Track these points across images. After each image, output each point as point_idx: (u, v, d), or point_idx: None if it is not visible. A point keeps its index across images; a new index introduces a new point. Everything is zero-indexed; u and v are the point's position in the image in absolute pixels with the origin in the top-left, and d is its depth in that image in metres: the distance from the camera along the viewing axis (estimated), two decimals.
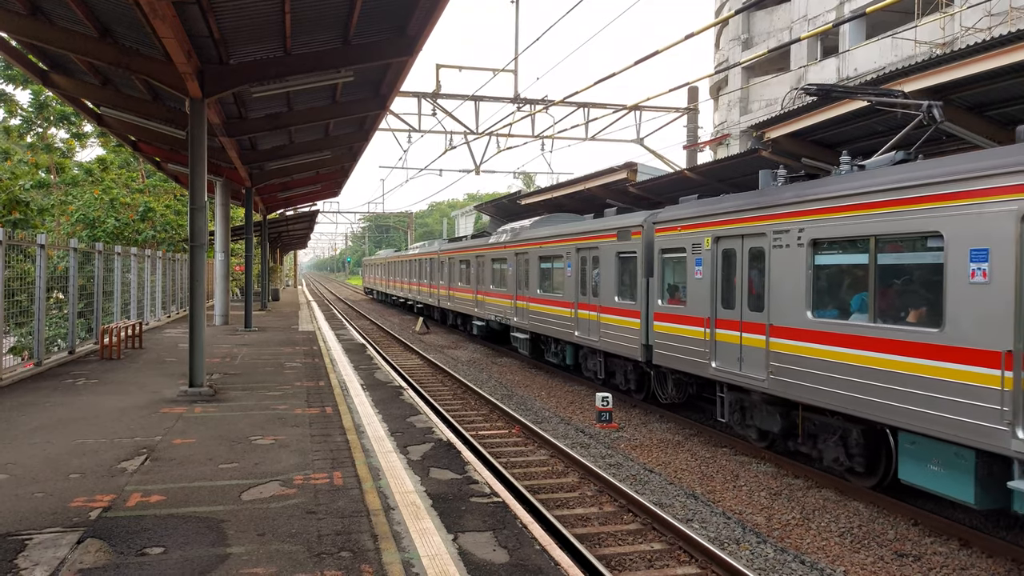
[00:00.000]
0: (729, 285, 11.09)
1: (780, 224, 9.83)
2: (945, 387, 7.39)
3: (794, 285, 9.57)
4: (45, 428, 8.72)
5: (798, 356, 9.47)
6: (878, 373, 8.19)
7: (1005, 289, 6.75)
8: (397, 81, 13.81)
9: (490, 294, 23.50)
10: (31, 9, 10.41)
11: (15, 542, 5.23)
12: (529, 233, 20.10)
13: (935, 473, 7.69)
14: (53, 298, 15.37)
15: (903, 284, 8.34)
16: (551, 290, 18.24)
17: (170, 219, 30.03)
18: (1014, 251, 6.68)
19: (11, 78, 25.47)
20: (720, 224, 11.20)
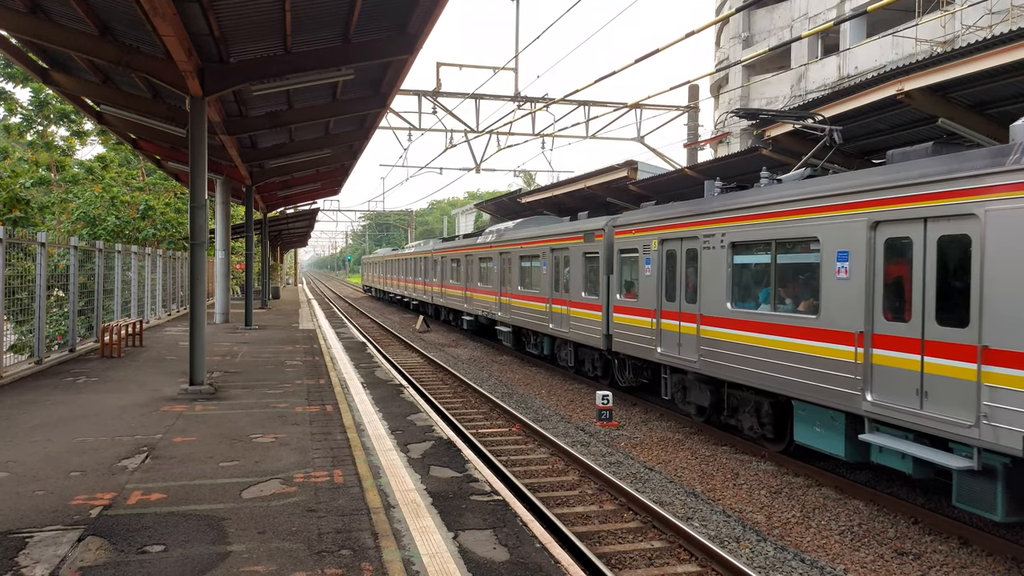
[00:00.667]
0: (671, 281, 12.81)
1: (708, 229, 11.64)
2: (822, 363, 9.17)
3: (719, 281, 11.38)
4: (46, 426, 8.73)
5: (721, 341, 11.24)
6: (779, 353, 9.98)
7: (859, 283, 8.62)
8: (397, 79, 13.80)
9: (477, 291, 24.97)
10: (31, 7, 10.41)
11: (16, 540, 5.24)
12: (511, 234, 21.68)
13: (818, 434, 9.50)
14: (54, 296, 15.38)
15: (794, 280, 10.15)
16: (530, 287, 19.86)
17: (170, 217, 30.03)
18: (865, 252, 8.51)
19: (11, 76, 25.49)
20: (665, 228, 12.98)
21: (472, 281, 25.86)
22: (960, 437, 7.31)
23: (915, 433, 8.00)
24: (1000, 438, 6.87)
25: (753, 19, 34.03)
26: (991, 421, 6.97)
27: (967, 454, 7.39)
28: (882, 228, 8.40)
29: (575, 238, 16.75)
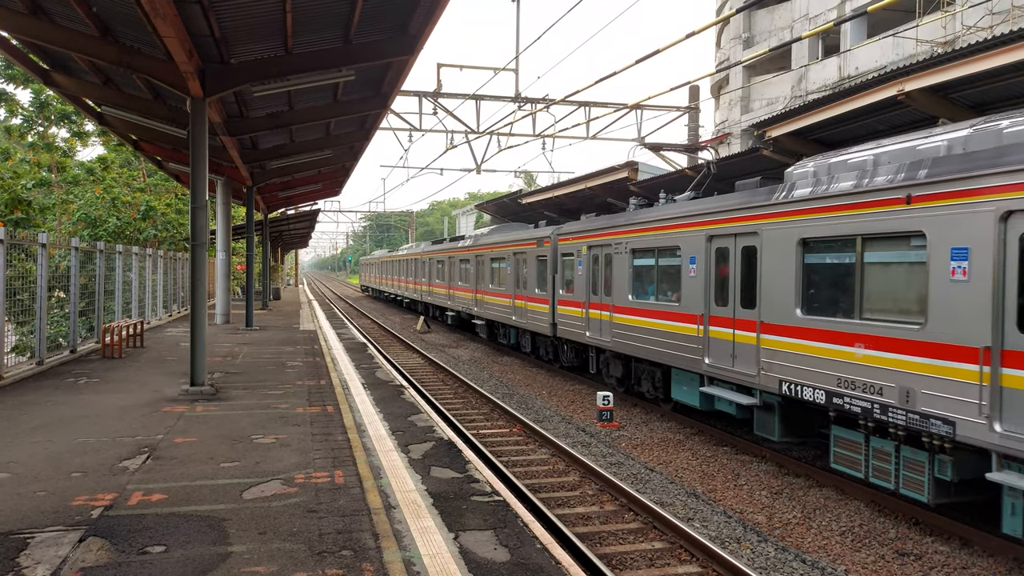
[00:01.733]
0: (595, 279, 15.93)
1: (617, 239, 14.89)
2: (683, 338, 12.35)
3: (624, 278, 14.61)
4: (47, 427, 8.73)
5: (626, 325, 14.44)
6: (661, 333, 13.09)
7: (701, 279, 11.87)
8: (398, 80, 13.81)
9: (459, 289, 27.74)
10: (32, 8, 10.41)
11: (17, 541, 5.24)
12: (485, 239, 24.47)
13: (685, 391, 12.59)
14: (55, 297, 15.39)
15: (668, 277, 13.19)
16: (499, 285, 22.69)
17: (171, 218, 30.03)
18: (703, 258, 11.81)
19: (12, 77, 25.48)
20: (591, 237, 16.16)
21: (454, 280, 28.38)
22: (751, 383, 10.51)
23: (732, 384, 11.09)
24: (768, 383, 10.09)
25: (754, 20, 34.03)
26: (764, 371, 10.15)
27: (755, 395, 10.55)
28: (714, 240, 11.63)
29: (531, 243, 19.83)
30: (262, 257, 33.49)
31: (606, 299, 15.24)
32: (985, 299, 7.13)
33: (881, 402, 8.26)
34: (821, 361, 9.17)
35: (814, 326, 9.31)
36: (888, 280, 8.51)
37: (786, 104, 29.04)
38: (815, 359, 9.27)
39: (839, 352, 8.91)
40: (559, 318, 17.81)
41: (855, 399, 8.63)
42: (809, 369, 9.35)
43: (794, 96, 29.75)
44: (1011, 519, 7.04)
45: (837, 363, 8.93)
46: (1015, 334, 6.85)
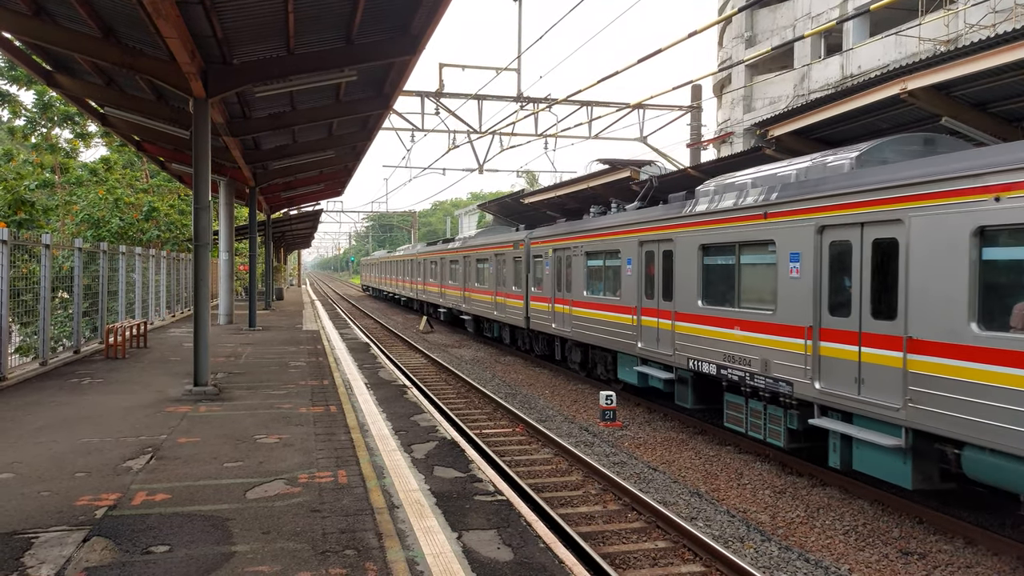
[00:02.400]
0: (559, 278, 17.98)
1: (576, 243, 16.96)
2: (624, 327, 14.41)
3: (580, 276, 16.66)
4: (51, 427, 8.75)
5: (583, 317, 16.45)
6: (608, 322, 15.13)
7: (635, 277, 13.96)
8: (400, 80, 13.82)
9: (449, 287, 29.75)
10: (35, 9, 10.44)
11: (21, 540, 5.25)
12: (472, 242, 27.01)
13: (627, 372, 14.49)
14: (58, 298, 15.41)
15: (612, 275, 15.20)
16: (483, 283, 24.73)
17: (174, 219, 30.06)
18: (637, 259, 13.89)
19: (15, 78, 25.52)
20: (555, 241, 18.28)
21: (445, 279, 30.55)
22: (670, 362, 12.70)
23: (660, 364, 13.23)
24: (681, 361, 12.25)
25: (756, 19, 33.98)
26: (679, 352, 12.37)
27: (673, 372, 12.74)
28: (643, 245, 13.78)
29: (508, 246, 21.91)
30: (265, 257, 33.53)
31: (567, 295, 17.41)
32: (809, 291, 9.36)
33: (751, 371, 10.46)
34: (714, 341, 11.44)
35: (710, 314, 11.61)
36: (755, 277, 10.72)
37: (788, 103, 29.01)
38: (710, 340, 11.55)
39: (725, 334, 11.12)
40: (532, 312, 20.05)
41: (735, 370, 10.83)
42: (707, 348, 11.63)
43: (796, 95, 29.71)
44: (833, 455, 9.12)
45: (724, 342, 11.14)
46: (828, 317, 9.15)
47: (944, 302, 7.51)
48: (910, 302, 7.90)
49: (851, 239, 8.81)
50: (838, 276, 9.04)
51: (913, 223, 7.89)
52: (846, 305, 8.90)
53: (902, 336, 7.96)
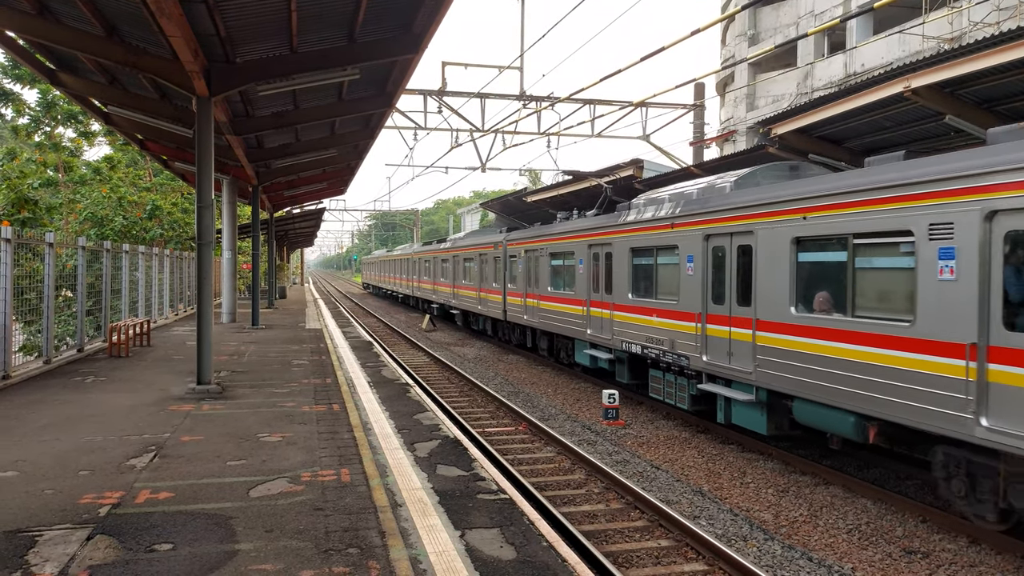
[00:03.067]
0: (531, 275, 20.13)
1: (542, 245, 19.25)
2: (577, 317, 16.71)
3: (546, 274, 18.88)
4: (54, 425, 8.77)
5: (547, 309, 18.80)
6: (567, 314, 17.42)
7: (585, 274, 16.17)
8: (403, 79, 13.82)
9: (441, 284, 32.24)
10: (39, 8, 10.45)
11: (25, 538, 5.27)
12: (460, 242, 29.26)
13: (581, 355, 16.72)
14: (62, 296, 15.44)
15: (569, 273, 17.43)
16: (469, 280, 26.99)
17: (177, 217, 30.09)
18: (587, 260, 16.10)
19: (19, 77, 25.56)
20: (527, 243, 20.54)
21: (437, 277, 33.04)
22: (609, 345, 15.07)
23: (605, 348, 15.51)
24: (617, 344, 14.59)
25: (759, 17, 33.92)
26: (616, 336, 14.61)
27: (612, 353, 15.12)
28: (591, 248, 16.03)
29: (490, 247, 24.06)
30: (268, 256, 33.55)
31: (536, 291, 19.67)
32: (700, 285, 11.81)
33: (664, 350, 12.86)
34: (640, 327, 13.80)
35: (637, 304, 13.93)
36: (666, 275, 13.09)
37: (792, 101, 28.96)
38: (637, 326, 13.91)
39: (647, 320, 13.52)
40: (508, 306, 22.30)
41: (654, 349, 13.23)
42: (635, 332, 13.95)
43: (800, 93, 29.66)
44: (720, 413, 11.39)
45: (646, 328, 13.52)
46: (712, 305, 11.55)
47: (776, 292, 10.02)
48: (757, 292, 10.41)
49: (725, 245, 11.30)
50: (718, 273, 11.47)
51: (759, 234, 10.41)
52: (722, 296, 11.32)
53: (752, 318, 10.51)
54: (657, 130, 28.63)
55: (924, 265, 7.83)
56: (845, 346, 8.85)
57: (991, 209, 7.10)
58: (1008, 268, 7.03)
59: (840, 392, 8.87)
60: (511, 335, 23.32)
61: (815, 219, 9.35)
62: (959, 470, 7.84)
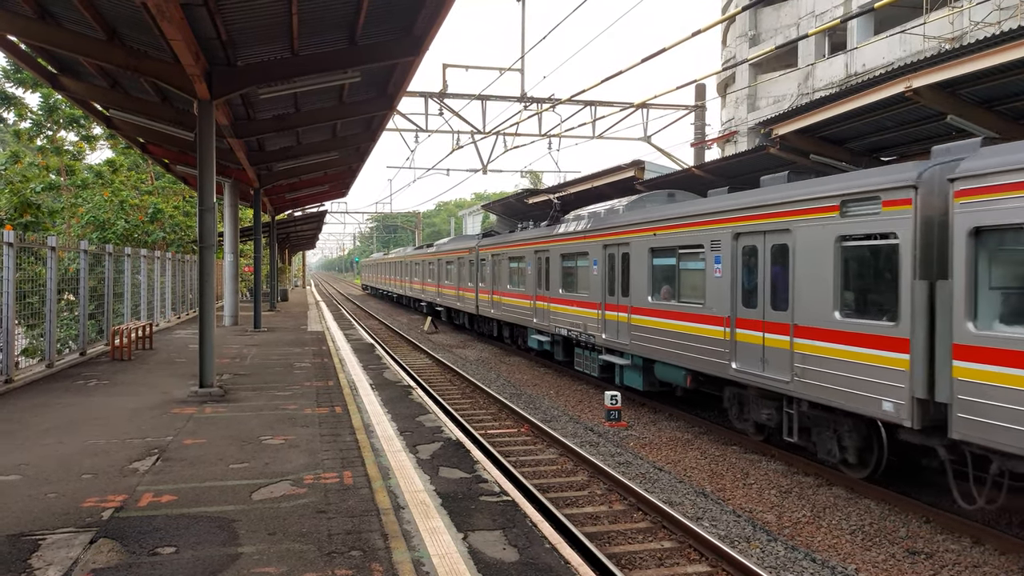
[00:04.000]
0: (495, 275, 23.79)
1: (504, 250, 22.81)
2: (526, 309, 20.23)
3: (505, 275, 22.59)
4: (57, 429, 8.78)
5: (506, 304, 22.42)
6: (519, 307, 21.02)
7: (533, 274, 19.68)
8: (404, 81, 13.83)
9: (428, 284, 36.28)
10: (40, 12, 10.47)
11: (28, 542, 5.27)
12: (444, 247, 33.23)
13: (534, 340, 19.92)
14: (64, 300, 15.46)
15: (522, 274, 20.78)
16: (451, 280, 30.96)
17: (179, 220, 30.14)
18: (534, 262, 19.61)
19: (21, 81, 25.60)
20: (493, 248, 24.12)
21: (425, 278, 36.98)
22: (548, 331, 18.62)
23: (546, 334, 19.23)
24: (553, 329, 18.23)
25: (759, 17, 33.93)
26: (551, 323, 18.25)
27: (550, 337, 18.94)
28: (537, 252, 19.53)
29: (466, 251, 27.77)
30: (269, 259, 33.58)
31: (500, 288, 23.20)
32: (602, 281, 15.44)
33: (581, 331, 16.53)
34: (567, 315, 17.54)
35: (565, 298, 17.62)
36: (583, 273, 16.69)
37: (793, 102, 28.95)
38: (565, 314, 17.65)
39: (571, 310, 17.19)
40: (480, 302, 26.01)
41: (574, 331, 16.95)
42: (564, 319, 17.69)
43: (801, 94, 29.65)
44: (617, 378, 15.11)
45: (571, 315, 17.25)
46: (608, 297, 15.22)
47: (641, 285, 13.90)
48: (632, 286, 14.23)
49: (615, 252, 15.05)
50: (612, 273, 15.09)
51: (632, 244, 14.24)
52: (615, 290, 14.97)
53: (628, 305, 14.36)
54: (658, 131, 28.64)
55: (708, 267, 11.67)
56: (676, 322, 12.70)
57: (736, 232, 10.98)
58: (744, 269, 10.92)
59: (675, 355, 12.62)
60: (483, 326, 27.14)
61: (661, 235, 13.25)
62: (732, 400, 11.74)
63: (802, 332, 9.59)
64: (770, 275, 10.32)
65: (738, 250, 11.02)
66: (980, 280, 7.26)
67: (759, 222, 10.54)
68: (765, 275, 10.41)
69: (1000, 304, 7.20)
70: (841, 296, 9.11)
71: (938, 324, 7.74)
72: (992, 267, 7.23)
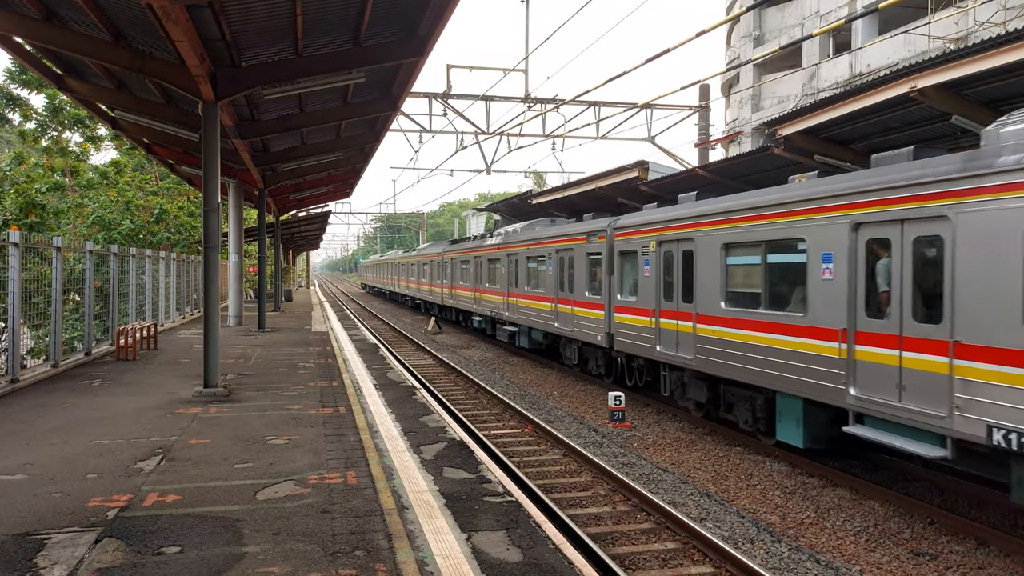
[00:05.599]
0: (455, 274, 29.94)
1: (459, 255, 29.32)
2: (498, 304, 23.83)
3: (460, 274, 29.38)
4: (62, 429, 8.81)
5: (459, 295, 29.35)
6: (468, 298, 27.93)
7: (505, 273, 23.09)
8: (408, 82, 13.84)
9: (411, 282, 43.43)
10: (46, 14, 10.51)
11: (34, 542, 5.29)
12: (425, 251, 39.05)
13: (476, 320, 27.42)
14: (70, 300, 15.51)
15: (495, 273, 24.39)
16: (424, 279, 37.42)
17: (184, 221, 30.21)
18: (505, 264, 23.09)
19: (26, 82, 25.71)
20: (454, 254, 30.03)
21: (408, 276, 43.95)
22: (516, 322, 22.20)
23: (513, 324, 22.71)
24: (519, 322, 22.03)
25: (764, 18, 33.88)
26: (518, 315, 22.00)
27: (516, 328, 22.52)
28: (508, 256, 22.42)
29: (436, 256, 33.47)
30: (274, 259, 33.63)
31: (456, 284, 28.66)
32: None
33: (500, 312, 22.20)
34: (492, 301, 22.36)
35: (490, 289, 21.86)
36: (499, 272, 22.27)
37: (797, 102, 28.90)
38: (491, 301, 22.54)
39: (494, 298, 21.96)
40: (444, 295, 32.17)
41: (495, 311, 22.27)
42: (490, 305, 22.31)
43: (805, 94, 29.60)
44: (517, 341, 22.40)
45: (494, 302, 22.76)
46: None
47: (522, 279, 21.20)
48: (518, 280, 21.49)
49: (515, 257, 21.03)
50: (511, 271, 21.30)
51: (519, 253, 20.10)
52: (518, 283, 21.38)
53: (515, 292, 21.51)
54: (662, 132, 28.63)
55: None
56: (533, 302, 20.11)
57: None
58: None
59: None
60: (447, 314, 33.74)
61: (532, 248, 20.44)
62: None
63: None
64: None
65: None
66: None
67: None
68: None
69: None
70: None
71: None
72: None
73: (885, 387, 8.25)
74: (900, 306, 8.16)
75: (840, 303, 8.87)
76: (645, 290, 13.86)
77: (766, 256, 10.57)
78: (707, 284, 11.89)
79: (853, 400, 8.65)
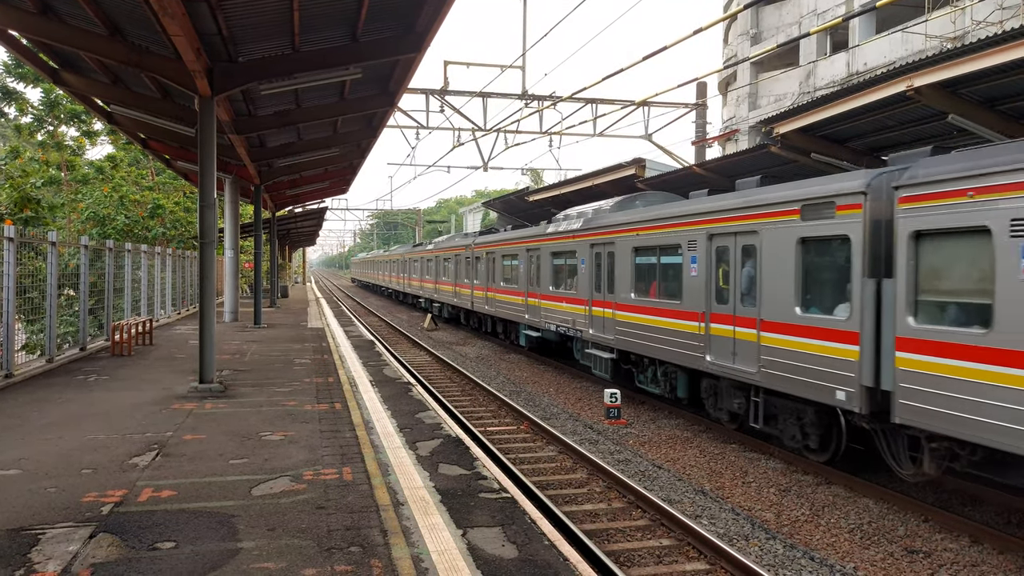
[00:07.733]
0: (422, 269, 35.79)
1: (424, 255, 35.65)
2: (431, 289, 34.17)
3: (423, 269, 35.87)
4: (57, 424, 8.79)
5: (424, 287, 35.77)
6: (428, 288, 35.16)
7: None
8: (405, 78, 13.81)
9: (390, 276, 47.36)
10: (41, 7, 10.46)
11: (28, 536, 5.28)
12: (394, 252, 42.63)
13: (435, 307, 34.07)
14: (64, 295, 15.47)
15: (430, 268, 34.55)
16: (394, 273, 41.42)
17: (180, 216, 30.14)
18: (436, 262, 33.24)
19: (22, 76, 25.62)
20: (421, 255, 36.23)
21: (388, 272, 47.70)
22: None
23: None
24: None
25: (761, 15, 33.88)
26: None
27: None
28: (436, 257, 32.68)
29: (461, 249, 28.92)
30: (270, 255, 33.59)
31: (419, 278, 32.85)
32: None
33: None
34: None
35: (446, 282, 27.44)
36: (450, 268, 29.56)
37: (794, 100, 28.92)
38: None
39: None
40: (410, 286, 36.49)
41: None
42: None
43: (802, 92, 29.62)
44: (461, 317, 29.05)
45: (449, 292, 28.77)
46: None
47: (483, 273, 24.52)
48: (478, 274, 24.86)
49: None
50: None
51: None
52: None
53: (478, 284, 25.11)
54: (659, 129, 28.62)
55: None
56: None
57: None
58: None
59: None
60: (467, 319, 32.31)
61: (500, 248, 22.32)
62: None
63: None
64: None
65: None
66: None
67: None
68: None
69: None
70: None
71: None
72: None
73: (726, 353, 11.32)
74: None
75: (701, 293, 11.88)
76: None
77: (660, 257, 14.12)
78: (621, 278, 15.62)
79: (708, 364, 11.56)
